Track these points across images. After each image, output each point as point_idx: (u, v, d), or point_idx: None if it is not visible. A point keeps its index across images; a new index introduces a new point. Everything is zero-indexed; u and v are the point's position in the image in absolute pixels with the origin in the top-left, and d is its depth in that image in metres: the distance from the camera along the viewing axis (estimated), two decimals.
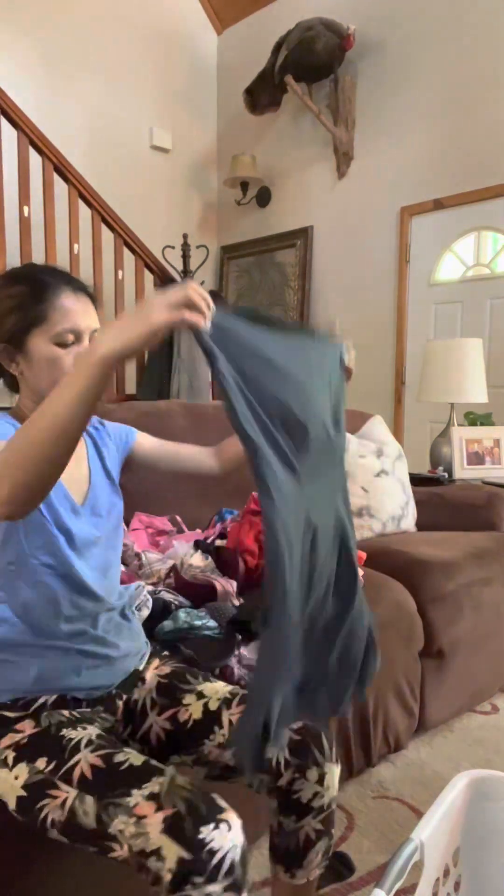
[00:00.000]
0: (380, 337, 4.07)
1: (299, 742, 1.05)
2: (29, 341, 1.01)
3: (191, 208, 4.95)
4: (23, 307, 1.00)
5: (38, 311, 1.00)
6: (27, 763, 0.92)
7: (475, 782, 1.03)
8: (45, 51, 4.07)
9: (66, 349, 1.01)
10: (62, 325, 1.00)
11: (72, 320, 1.01)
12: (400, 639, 1.72)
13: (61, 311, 1.00)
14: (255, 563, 1.65)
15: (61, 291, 1.01)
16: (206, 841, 0.80)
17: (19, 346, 1.01)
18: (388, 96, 3.88)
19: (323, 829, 1.07)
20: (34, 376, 1.03)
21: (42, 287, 1.01)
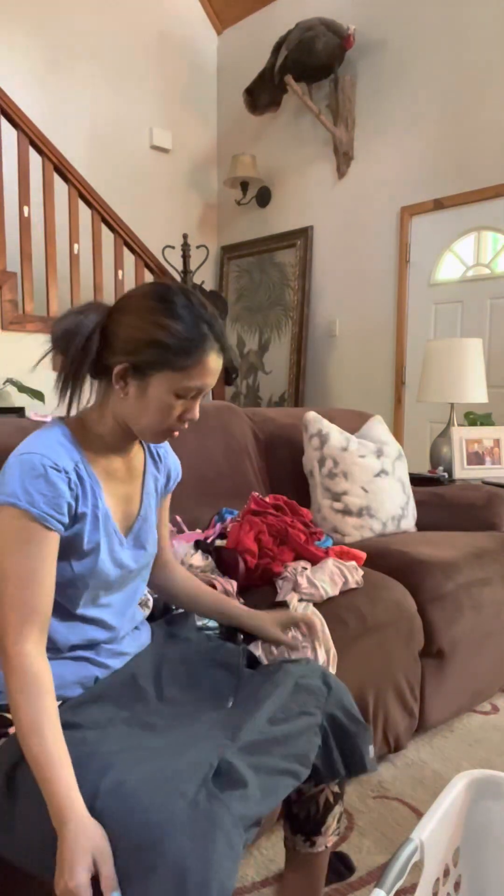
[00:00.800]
0: (380, 337, 4.07)
1: None
2: (153, 378, 0.96)
3: (191, 208, 4.95)
4: (169, 349, 0.94)
5: (183, 360, 0.95)
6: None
7: (475, 782, 1.03)
8: (46, 51, 4.07)
9: (182, 401, 0.98)
10: (195, 382, 0.97)
11: (206, 381, 0.98)
12: (400, 639, 1.72)
13: (202, 370, 0.96)
14: (254, 562, 1.65)
15: (211, 350, 0.97)
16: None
17: (141, 375, 0.96)
18: (388, 96, 3.89)
19: (339, 792, 1.11)
20: (137, 408, 0.98)
21: (198, 338, 0.95)
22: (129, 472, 1.10)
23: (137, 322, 0.96)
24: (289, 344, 4.53)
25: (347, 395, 4.28)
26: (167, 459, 1.20)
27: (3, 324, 3.30)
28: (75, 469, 0.98)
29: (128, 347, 0.96)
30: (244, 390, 4.87)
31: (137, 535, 1.09)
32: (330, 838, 1.13)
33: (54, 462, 0.94)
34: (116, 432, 1.03)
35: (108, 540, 1.03)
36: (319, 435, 2.23)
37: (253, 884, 1.35)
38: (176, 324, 0.95)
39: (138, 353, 0.95)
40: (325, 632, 1.48)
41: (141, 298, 0.97)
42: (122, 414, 1.01)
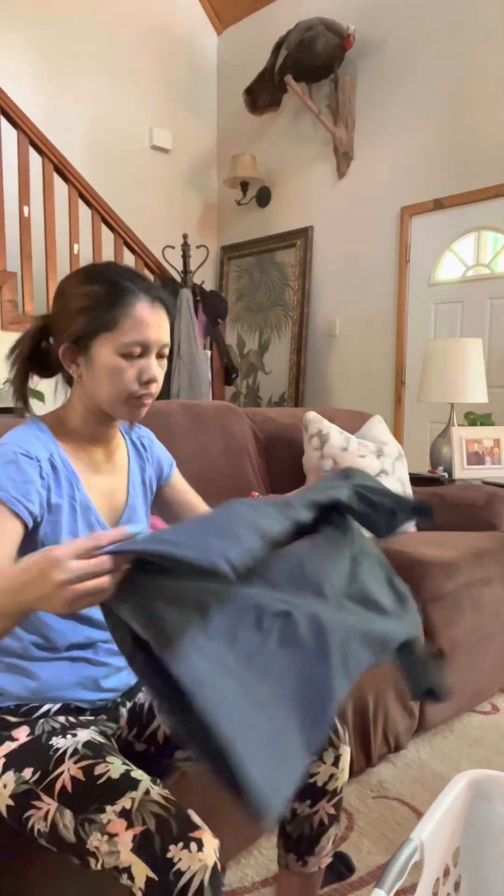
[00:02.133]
0: (380, 337, 4.07)
1: None
2: (93, 346, 0.96)
3: (191, 208, 4.95)
4: (94, 309, 0.95)
5: (109, 316, 0.95)
6: (15, 772, 0.91)
7: (475, 782, 1.03)
8: (46, 51, 4.07)
9: (130, 361, 0.96)
10: (132, 336, 0.95)
11: (143, 333, 0.96)
12: None
13: (134, 320, 0.95)
14: None
15: (137, 299, 0.96)
16: (174, 861, 0.76)
17: (83, 348, 0.97)
18: (387, 96, 3.88)
19: (335, 814, 1.09)
20: (92, 382, 0.98)
21: (118, 291, 0.95)
22: (111, 464, 1.10)
23: (63, 301, 0.99)
24: (289, 344, 4.53)
25: (347, 395, 4.28)
26: (153, 450, 1.19)
27: (3, 324, 3.30)
28: (49, 459, 0.98)
29: (63, 327, 0.98)
30: (244, 390, 4.87)
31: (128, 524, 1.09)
32: (324, 859, 1.10)
33: (26, 450, 0.96)
34: (89, 421, 1.04)
35: (91, 531, 1.02)
36: (319, 435, 2.23)
37: (253, 884, 1.35)
38: (91, 286, 0.96)
39: (71, 328, 0.97)
40: None
41: (66, 280, 1.02)
42: (86, 397, 1.01)
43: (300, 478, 2.31)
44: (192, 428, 2.14)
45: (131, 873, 0.78)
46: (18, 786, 0.90)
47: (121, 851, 0.79)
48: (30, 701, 1.00)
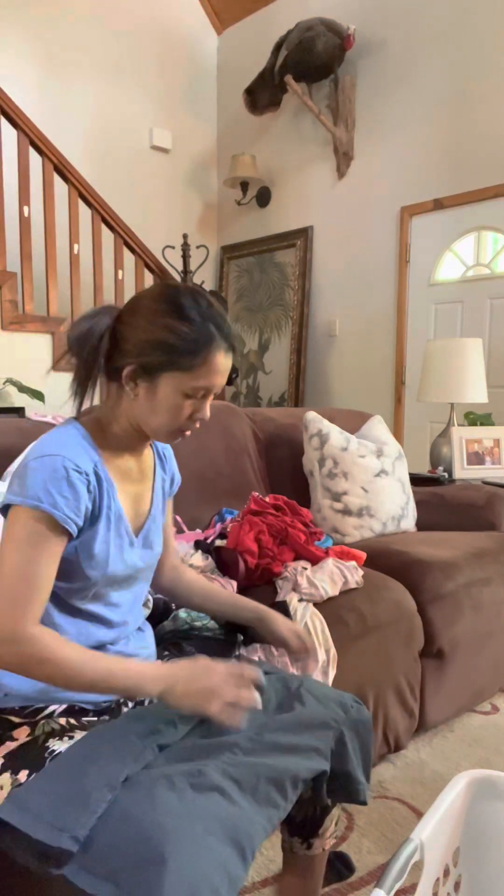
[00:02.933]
0: (380, 337, 4.07)
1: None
2: (161, 379, 0.97)
3: (191, 208, 4.95)
4: (175, 350, 0.95)
5: (190, 361, 0.95)
6: (11, 774, 0.90)
7: (475, 782, 1.03)
8: (46, 51, 4.07)
9: (191, 401, 0.98)
10: (203, 382, 0.97)
11: (213, 381, 0.98)
12: (400, 639, 1.72)
13: (209, 369, 0.97)
14: (254, 562, 1.65)
15: (218, 350, 0.97)
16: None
17: (150, 376, 0.97)
18: (388, 96, 3.88)
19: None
20: (147, 409, 0.99)
21: (206, 340, 0.96)
22: (140, 472, 1.11)
23: (145, 324, 0.97)
24: (289, 344, 4.54)
25: (347, 395, 4.28)
26: (170, 462, 1.21)
27: (3, 324, 3.30)
28: (94, 470, 0.99)
29: (136, 349, 0.97)
30: (244, 390, 4.87)
31: (147, 535, 1.10)
32: (328, 841, 1.12)
33: (76, 464, 0.95)
34: (130, 433, 1.05)
35: (120, 540, 1.04)
36: (319, 435, 2.23)
37: (253, 884, 1.35)
38: (183, 325, 0.95)
39: (146, 355, 0.96)
40: (326, 632, 1.48)
41: (149, 300, 0.98)
42: (133, 415, 1.02)
43: (300, 478, 2.31)
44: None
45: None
46: (13, 788, 0.89)
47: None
48: (36, 702, 1.00)
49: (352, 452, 2.20)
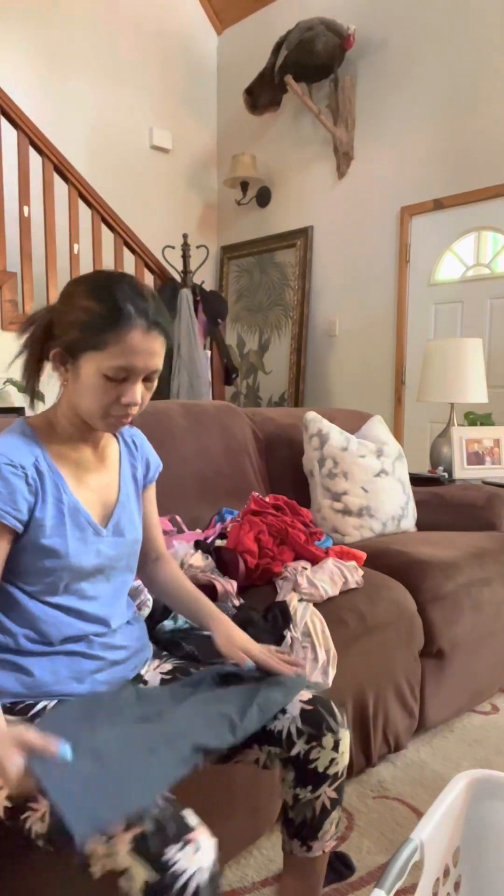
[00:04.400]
0: (380, 337, 4.07)
1: (311, 711, 1.05)
2: (81, 360, 0.97)
3: (191, 208, 4.95)
4: (88, 326, 0.95)
5: (101, 338, 0.94)
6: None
7: (475, 782, 1.03)
8: (46, 51, 4.07)
9: (113, 383, 0.97)
10: (117, 361, 0.95)
11: (130, 360, 0.95)
12: (400, 639, 1.72)
13: (123, 347, 0.94)
14: (254, 562, 1.65)
15: (134, 327, 0.95)
16: (171, 862, 0.77)
17: (72, 358, 0.98)
18: (388, 96, 3.88)
19: (337, 798, 1.09)
20: (75, 392, 1.00)
21: (115, 315, 0.94)
22: (101, 461, 1.12)
23: (67, 306, 0.99)
24: (289, 344, 4.53)
25: (347, 395, 4.28)
26: (143, 449, 1.21)
27: (3, 324, 3.30)
28: (34, 464, 1.00)
29: (59, 331, 0.99)
30: (244, 390, 4.87)
31: (117, 524, 1.10)
32: (328, 843, 1.12)
33: (10, 459, 0.97)
34: (75, 421, 1.05)
35: (81, 532, 1.04)
36: (319, 435, 2.23)
37: (253, 884, 1.35)
38: (95, 303, 0.95)
39: (65, 335, 0.98)
40: (326, 632, 1.48)
41: (74, 284, 1.00)
42: (70, 400, 1.03)
43: (300, 478, 2.31)
44: (192, 428, 2.14)
45: (130, 874, 0.78)
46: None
47: (119, 853, 0.79)
48: (25, 697, 1.00)
49: (352, 452, 2.20)
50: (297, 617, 1.48)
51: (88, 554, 1.04)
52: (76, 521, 1.03)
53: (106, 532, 1.08)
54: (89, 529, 1.05)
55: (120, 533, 1.10)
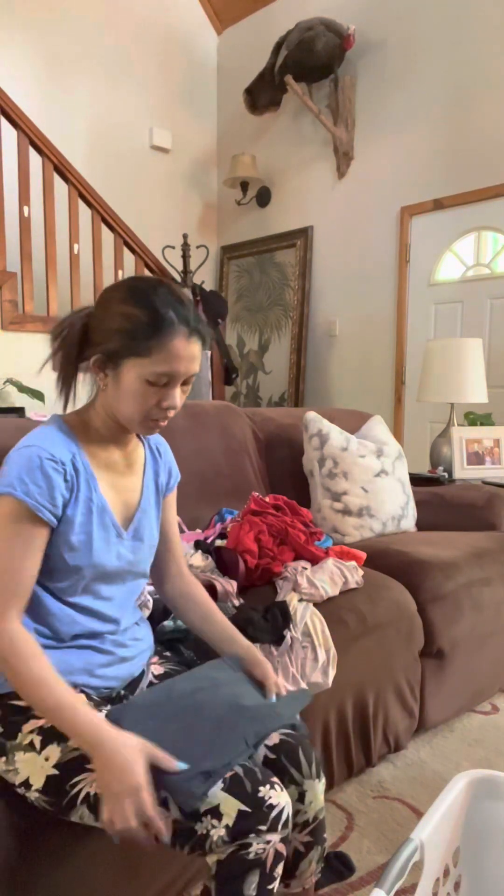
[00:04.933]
0: (380, 337, 4.07)
1: (273, 761, 1.02)
2: (123, 366, 0.98)
3: (191, 208, 4.95)
4: (131, 334, 0.96)
5: (145, 345, 0.96)
6: (58, 743, 0.93)
7: (475, 782, 1.03)
8: (46, 51, 4.07)
9: (155, 389, 0.98)
10: (162, 367, 0.97)
11: (173, 366, 0.97)
12: (400, 639, 1.72)
13: (167, 354, 0.96)
14: (254, 563, 1.65)
15: (176, 334, 0.96)
16: (265, 798, 0.89)
17: (113, 363, 0.99)
18: (388, 96, 3.88)
19: (312, 841, 1.07)
20: (115, 397, 1.01)
21: (159, 322, 0.96)
22: (128, 464, 1.12)
23: (106, 313, 1.00)
24: (289, 344, 4.53)
25: (347, 395, 4.28)
26: (166, 456, 1.21)
27: (3, 324, 3.30)
28: (72, 461, 1.01)
29: (100, 338, 1.00)
30: (244, 390, 4.87)
31: (137, 528, 1.11)
32: (308, 879, 1.10)
33: (51, 454, 0.98)
34: (109, 424, 1.07)
35: (105, 532, 1.05)
36: (319, 435, 2.23)
37: None
38: (138, 310, 0.97)
39: (108, 342, 0.99)
40: (325, 632, 1.48)
41: (112, 291, 1.01)
42: (107, 405, 1.04)
43: (300, 478, 2.31)
44: (192, 428, 2.14)
45: (219, 811, 0.87)
46: (66, 753, 0.92)
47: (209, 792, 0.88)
48: None
49: (352, 452, 2.20)
50: (297, 617, 1.48)
51: (110, 555, 1.05)
52: (102, 521, 1.04)
53: (126, 535, 1.08)
54: (113, 531, 1.06)
55: (139, 538, 1.11)
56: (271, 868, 0.89)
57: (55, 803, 0.92)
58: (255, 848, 0.87)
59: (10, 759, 0.94)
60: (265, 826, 0.88)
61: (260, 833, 0.87)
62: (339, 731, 1.59)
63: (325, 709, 1.53)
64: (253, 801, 0.88)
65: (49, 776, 0.91)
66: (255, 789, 0.89)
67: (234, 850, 0.87)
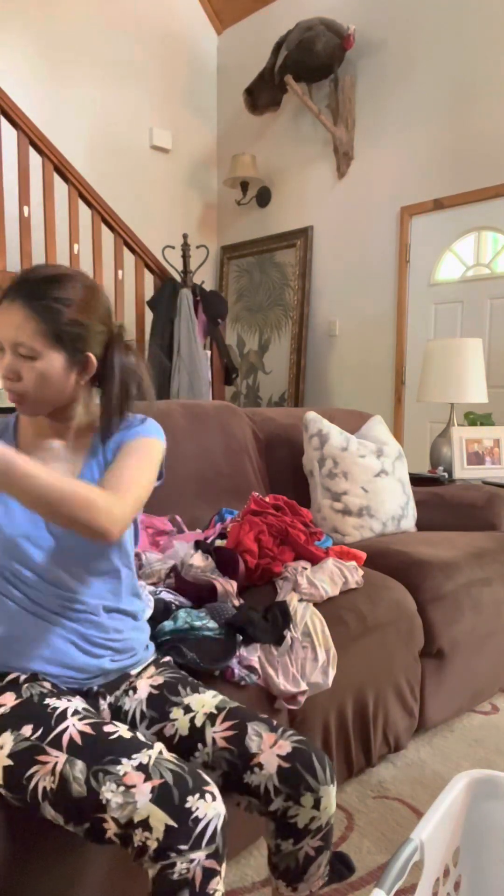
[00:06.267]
0: (380, 337, 4.07)
1: (288, 769, 1.00)
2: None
3: (191, 208, 4.95)
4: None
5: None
6: (11, 731, 0.93)
7: (475, 782, 1.03)
8: (46, 51, 4.07)
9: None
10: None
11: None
12: (400, 639, 1.72)
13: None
14: (254, 562, 1.65)
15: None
16: (192, 810, 0.84)
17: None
18: (388, 96, 3.88)
19: (322, 845, 1.06)
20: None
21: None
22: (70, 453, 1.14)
23: None
24: (289, 344, 4.53)
25: (347, 395, 4.28)
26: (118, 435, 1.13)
27: None
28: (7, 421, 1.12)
29: None
30: (244, 390, 4.87)
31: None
32: (316, 883, 1.08)
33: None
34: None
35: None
36: (319, 435, 2.23)
37: (253, 884, 1.35)
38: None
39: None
40: (326, 632, 1.48)
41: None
42: None
43: (300, 478, 2.31)
44: (192, 428, 2.14)
45: (148, 824, 0.83)
46: (18, 743, 0.92)
47: (138, 801, 0.84)
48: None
49: (352, 452, 2.20)
50: (297, 617, 1.48)
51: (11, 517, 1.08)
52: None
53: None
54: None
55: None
56: (202, 886, 0.84)
57: (20, 798, 0.91)
58: (179, 868, 0.82)
59: None
60: (187, 845, 0.83)
61: (182, 853, 0.82)
62: (339, 731, 1.59)
63: (325, 709, 1.53)
64: (179, 814, 0.84)
65: (4, 767, 0.91)
66: (182, 800, 0.85)
67: (160, 868, 0.83)
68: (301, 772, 1.00)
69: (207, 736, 1.03)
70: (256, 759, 1.00)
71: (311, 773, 1.00)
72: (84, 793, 0.86)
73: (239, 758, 1.01)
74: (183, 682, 1.13)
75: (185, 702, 1.08)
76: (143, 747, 0.91)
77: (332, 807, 1.04)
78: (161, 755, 0.90)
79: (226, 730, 1.03)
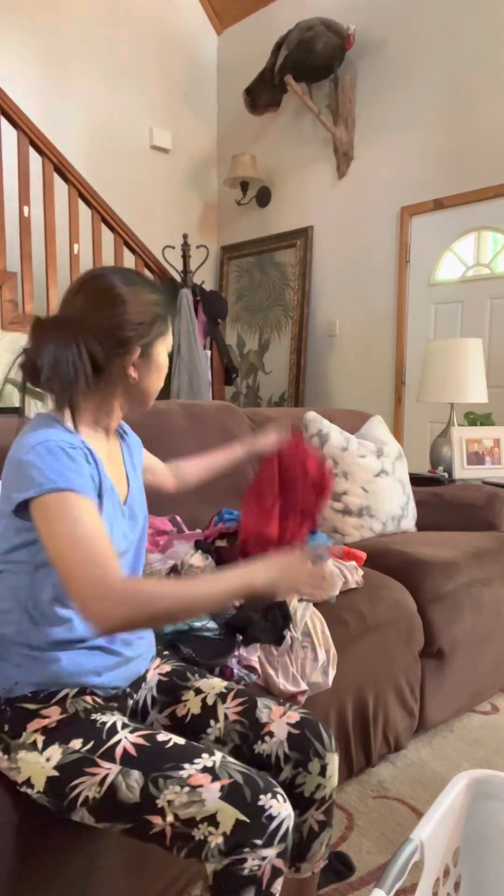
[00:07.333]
0: (380, 337, 4.07)
1: (298, 735, 1.05)
2: (154, 349, 1.06)
3: (191, 208, 4.95)
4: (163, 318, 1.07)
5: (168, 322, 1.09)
6: (60, 744, 0.93)
7: (475, 782, 1.03)
8: (46, 51, 4.07)
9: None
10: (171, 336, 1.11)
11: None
12: (400, 639, 1.72)
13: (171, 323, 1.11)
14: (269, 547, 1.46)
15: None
16: (265, 808, 0.86)
17: (149, 352, 1.06)
18: (388, 96, 3.88)
19: (325, 820, 1.09)
20: (148, 383, 1.08)
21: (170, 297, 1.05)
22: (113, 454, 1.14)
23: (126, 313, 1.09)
24: (289, 344, 4.53)
25: (347, 395, 4.28)
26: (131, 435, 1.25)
27: (3, 324, 3.30)
28: (83, 444, 0.99)
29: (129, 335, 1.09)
30: (244, 390, 4.87)
31: (132, 507, 1.12)
32: (318, 864, 1.11)
33: (71, 443, 0.96)
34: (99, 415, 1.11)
35: (114, 512, 1.05)
36: (319, 435, 2.23)
37: None
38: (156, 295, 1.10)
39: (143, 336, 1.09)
40: (326, 632, 1.48)
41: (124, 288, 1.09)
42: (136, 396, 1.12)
43: None
44: (192, 428, 2.14)
45: (215, 819, 0.84)
46: (67, 756, 0.92)
47: (206, 800, 0.85)
48: (47, 686, 1.00)
49: (352, 452, 2.20)
50: (297, 617, 1.48)
51: (118, 535, 1.05)
52: (112, 502, 1.04)
53: (125, 510, 1.09)
54: (119, 510, 1.06)
55: (134, 517, 1.11)
56: (268, 885, 0.85)
57: (56, 803, 0.92)
58: (250, 864, 0.84)
59: (13, 757, 0.95)
60: (261, 840, 0.84)
61: (255, 847, 0.84)
62: (340, 730, 1.59)
63: (325, 709, 1.53)
64: (252, 811, 0.85)
65: (49, 777, 0.91)
66: (255, 798, 0.87)
67: (229, 863, 0.84)
68: (310, 737, 1.06)
69: (220, 712, 1.08)
70: (267, 727, 1.06)
71: (319, 739, 1.06)
72: (135, 799, 0.88)
73: (251, 728, 1.06)
74: (190, 670, 1.18)
75: (196, 685, 1.13)
76: (204, 752, 0.92)
77: (335, 777, 1.09)
78: (225, 759, 0.91)
79: (237, 705, 1.08)
